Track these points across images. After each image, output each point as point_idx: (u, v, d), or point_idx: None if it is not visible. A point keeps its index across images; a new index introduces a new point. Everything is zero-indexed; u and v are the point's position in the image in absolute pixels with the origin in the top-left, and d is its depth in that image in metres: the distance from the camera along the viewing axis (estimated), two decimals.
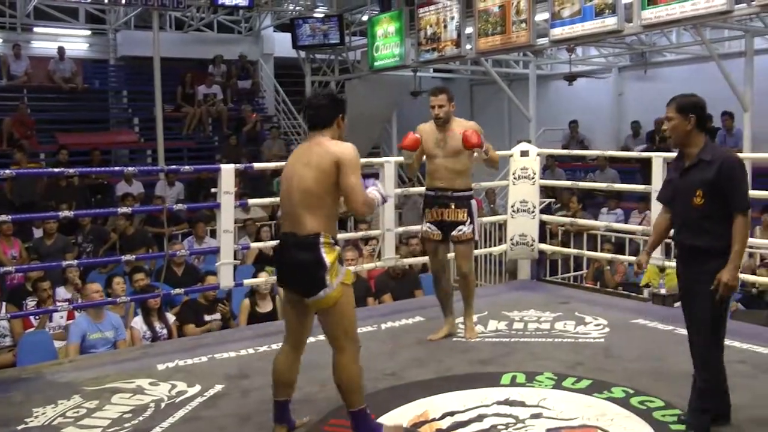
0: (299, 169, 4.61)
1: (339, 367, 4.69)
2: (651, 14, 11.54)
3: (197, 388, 5.77)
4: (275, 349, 6.65)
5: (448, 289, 7.06)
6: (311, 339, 6.90)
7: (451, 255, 7.17)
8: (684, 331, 6.89)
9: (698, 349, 4.77)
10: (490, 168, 7.03)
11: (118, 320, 8.27)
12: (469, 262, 6.88)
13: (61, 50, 19.22)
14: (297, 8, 21.03)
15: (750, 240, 5.24)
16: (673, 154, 9.38)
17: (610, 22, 12.08)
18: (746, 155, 12.44)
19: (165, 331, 8.58)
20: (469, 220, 6.70)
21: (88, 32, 21.46)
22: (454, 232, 6.73)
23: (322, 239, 4.52)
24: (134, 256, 8.68)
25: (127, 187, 15.32)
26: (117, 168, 12.20)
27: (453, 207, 6.70)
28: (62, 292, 9.67)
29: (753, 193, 10.17)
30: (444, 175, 6.71)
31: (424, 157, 6.90)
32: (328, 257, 4.51)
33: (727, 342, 6.57)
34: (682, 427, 4.86)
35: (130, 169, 10.65)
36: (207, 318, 9.03)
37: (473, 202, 6.82)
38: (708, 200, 4.57)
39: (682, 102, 4.72)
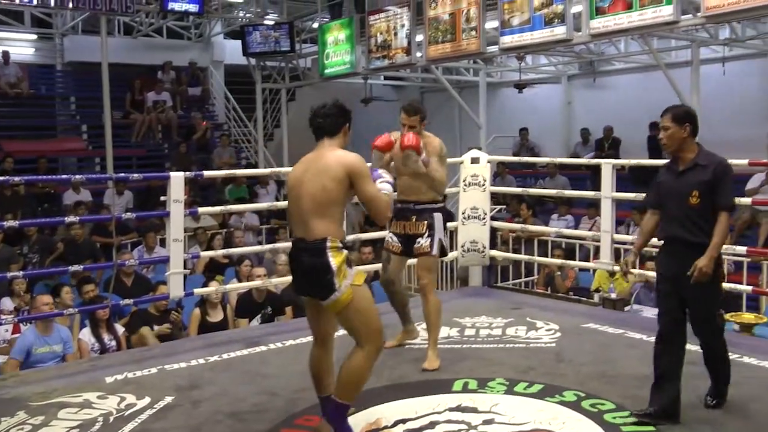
0: (310, 177, 4.69)
1: (351, 358, 4.72)
2: (599, 24, 11.67)
3: (147, 400, 5.66)
4: (226, 359, 6.65)
5: (403, 300, 6.87)
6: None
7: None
8: (635, 334, 7.04)
9: (708, 339, 5.19)
10: (432, 188, 6.52)
11: (67, 333, 8.11)
12: (428, 274, 6.51)
13: (5, 55, 18.93)
14: (247, 15, 20.95)
15: None
16: (622, 161, 9.49)
17: (559, 31, 12.19)
18: None
19: (114, 343, 8.44)
20: (427, 233, 6.43)
21: (34, 36, 21.13)
22: (415, 245, 6.48)
23: (329, 243, 4.61)
24: (81, 267, 8.53)
25: (74, 195, 15.12)
26: (64, 176, 12.00)
27: (414, 220, 6.48)
28: (7, 304, 9.51)
29: None
30: (408, 188, 6.52)
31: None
32: (334, 261, 4.61)
33: None
34: (634, 428, 4.90)
35: (77, 177, 10.49)
36: (156, 329, 8.95)
37: (437, 215, 6.51)
38: (703, 200, 4.95)
39: (677, 112, 5.10)
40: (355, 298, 4.66)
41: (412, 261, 6.87)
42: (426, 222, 6.45)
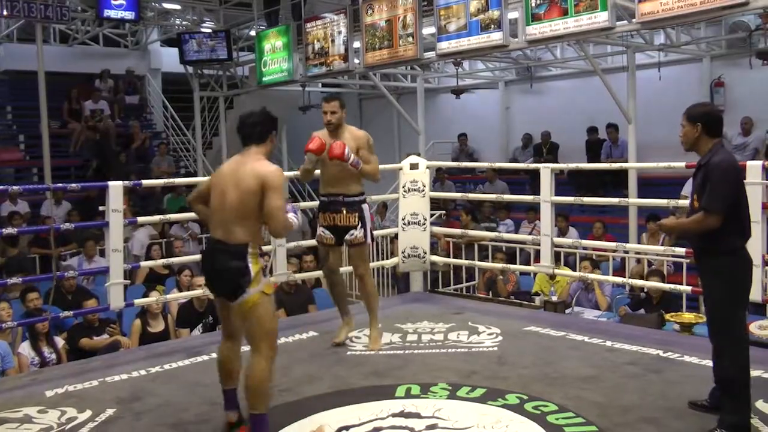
0: (231, 187, 4.91)
1: (251, 367, 4.86)
2: (535, 30, 11.77)
3: (88, 413, 5.58)
4: (168, 370, 6.58)
5: (343, 292, 7.30)
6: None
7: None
8: (576, 336, 7.16)
9: (713, 339, 4.96)
10: (367, 179, 7.05)
11: (5, 348, 7.99)
12: (363, 264, 7.01)
13: None
14: (183, 23, 20.81)
15: (637, 246, 5.60)
16: (560, 166, 9.60)
17: (495, 36, 12.27)
18: (631, 165, 12.79)
19: (54, 356, 8.34)
20: (360, 224, 6.84)
21: None
22: (346, 236, 6.88)
23: (249, 249, 4.85)
24: (20, 279, 8.40)
25: (11, 206, 14.92)
26: (1, 187, 11.81)
27: (344, 212, 6.85)
28: None
29: (640, 201, 10.51)
30: (335, 182, 6.86)
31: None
32: (253, 267, 4.83)
33: (616, 345, 6.78)
34: (576, 428, 4.94)
35: (14, 187, 10.32)
36: (96, 339, 8.87)
37: (365, 206, 6.94)
38: (700, 204, 4.85)
39: (691, 111, 5.03)
40: (259, 303, 4.85)
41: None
42: (357, 214, 6.85)
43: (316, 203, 7.47)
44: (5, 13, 15.65)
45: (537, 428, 4.99)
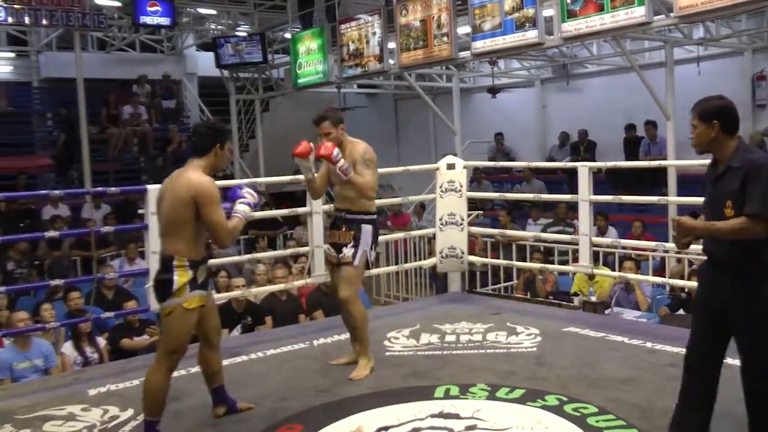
0: (166, 197, 4.98)
1: (148, 374, 5.07)
2: (571, 27, 11.66)
3: (130, 412, 5.64)
4: None
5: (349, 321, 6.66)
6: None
7: None
8: (616, 337, 7.05)
9: (761, 384, 4.40)
10: (356, 191, 6.36)
11: (48, 347, 8.15)
12: (349, 287, 6.36)
13: None
14: (219, 27, 20.92)
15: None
16: (598, 164, 9.50)
17: (530, 35, 12.18)
18: (671, 163, 12.67)
19: (96, 356, 8.51)
20: (352, 243, 6.34)
21: (11, 54, 21.20)
22: (339, 254, 6.41)
23: (175, 262, 4.91)
24: (62, 281, 8.55)
25: (53, 210, 15.13)
26: (42, 192, 12.00)
27: (343, 229, 6.43)
28: None
29: (679, 200, 10.39)
30: (341, 197, 6.50)
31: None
32: (179, 279, 4.91)
33: (657, 346, 6.71)
34: (617, 431, 4.89)
35: (56, 192, 10.47)
36: (137, 339, 8.99)
37: (365, 227, 6.41)
38: (738, 211, 4.12)
39: (703, 108, 4.38)
40: (173, 316, 4.95)
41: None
42: (352, 233, 6.37)
43: None
44: (45, 22, 15.87)
45: (577, 430, 4.96)
